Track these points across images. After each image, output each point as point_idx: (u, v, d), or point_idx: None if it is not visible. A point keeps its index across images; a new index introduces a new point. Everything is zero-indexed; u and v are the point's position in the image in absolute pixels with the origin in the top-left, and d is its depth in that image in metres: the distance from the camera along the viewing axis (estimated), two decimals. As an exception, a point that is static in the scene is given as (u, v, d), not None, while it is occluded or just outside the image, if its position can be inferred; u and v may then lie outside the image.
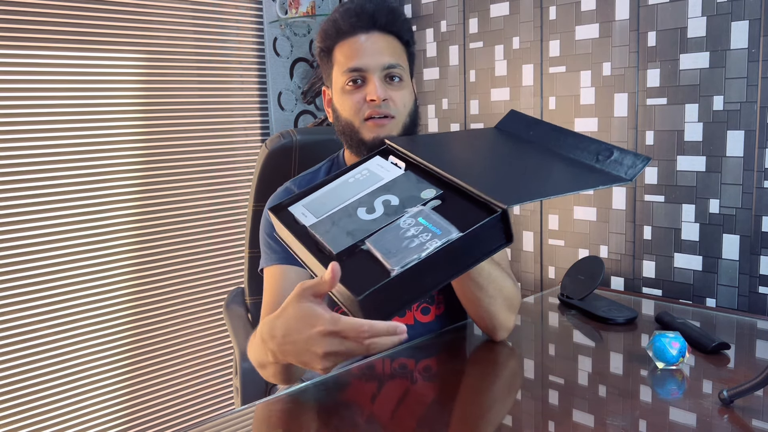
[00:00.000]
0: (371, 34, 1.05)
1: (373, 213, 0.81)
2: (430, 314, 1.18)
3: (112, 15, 1.89)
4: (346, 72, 1.05)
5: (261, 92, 2.27)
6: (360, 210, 0.82)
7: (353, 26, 1.05)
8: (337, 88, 1.08)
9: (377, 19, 1.05)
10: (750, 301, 1.49)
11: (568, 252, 1.83)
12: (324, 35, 1.09)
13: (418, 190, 0.83)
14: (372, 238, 0.76)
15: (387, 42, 1.06)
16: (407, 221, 0.77)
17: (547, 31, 1.80)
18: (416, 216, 0.78)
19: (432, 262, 0.71)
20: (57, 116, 1.81)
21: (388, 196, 0.84)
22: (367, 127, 1.05)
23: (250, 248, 1.47)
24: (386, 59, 1.05)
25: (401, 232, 0.76)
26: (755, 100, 1.44)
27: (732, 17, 1.45)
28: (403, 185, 0.85)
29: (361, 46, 1.04)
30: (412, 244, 0.73)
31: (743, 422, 0.82)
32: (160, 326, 2.08)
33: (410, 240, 0.74)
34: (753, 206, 1.47)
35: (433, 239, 0.72)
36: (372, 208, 0.82)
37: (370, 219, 0.80)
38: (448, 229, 0.73)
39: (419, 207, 0.80)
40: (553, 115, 1.82)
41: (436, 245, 0.71)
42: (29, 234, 1.79)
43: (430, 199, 0.81)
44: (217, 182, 2.17)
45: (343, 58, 1.06)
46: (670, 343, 0.97)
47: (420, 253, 0.71)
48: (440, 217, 0.76)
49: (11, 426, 1.79)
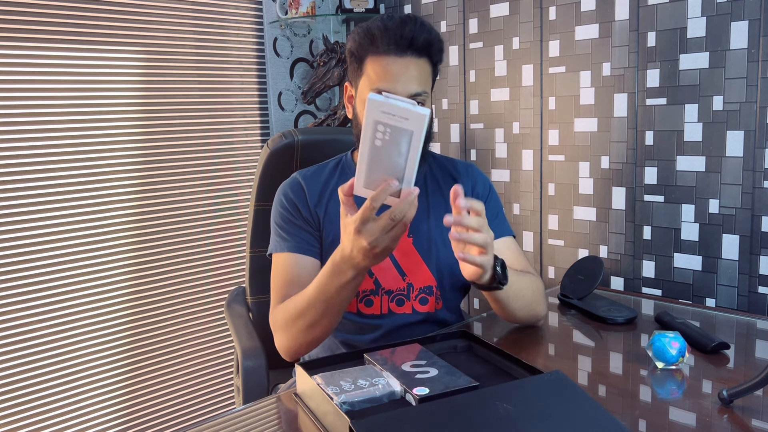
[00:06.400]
0: (405, 58, 1.07)
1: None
2: (428, 305, 1.19)
3: (112, 15, 1.89)
4: (374, 90, 1.07)
5: (261, 92, 2.27)
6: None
7: (388, 46, 1.06)
8: (362, 97, 1.11)
9: (413, 45, 1.06)
10: (749, 301, 1.49)
11: (568, 252, 1.83)
12: (358, 42, 1.10)
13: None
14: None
15: (418, 67, 1.08)
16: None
17: (547, 31, 1.81)
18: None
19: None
20: (57, 116, 1.81)
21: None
22: None
23: (251, 248, 1.47)
24: (414, 87, 1.07)
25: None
26: (755, 100, 1.44)
27: (732, 17, 1.46)
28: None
29: (392, 70, 1.06)
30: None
31: (743, 422, 0.82)
32: (160, 326, 2.08)
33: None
34: (752, 206, 1.47)
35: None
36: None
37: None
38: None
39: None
40: (553, 115, 1.82)
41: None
42: (28, 234, 1.79)
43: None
44: (218, 182, 2.17)
45: (374, 74, 1.08)
46: (670, 343, 0.97)
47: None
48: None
49: (11, 426, 1.79)
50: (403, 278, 1.17)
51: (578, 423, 0.73)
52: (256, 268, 1.47)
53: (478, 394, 0.79)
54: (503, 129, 1.95)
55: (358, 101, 1.13)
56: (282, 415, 0.90)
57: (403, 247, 1.17)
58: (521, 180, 1.92)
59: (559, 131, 1.81)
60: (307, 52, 2.36)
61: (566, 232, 1.83)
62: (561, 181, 1.83)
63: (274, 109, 2.28)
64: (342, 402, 0.80)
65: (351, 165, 1.22)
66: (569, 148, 1.79)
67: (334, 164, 1.24)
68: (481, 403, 0.75)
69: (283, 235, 1.17)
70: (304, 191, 1.18)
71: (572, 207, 1.81)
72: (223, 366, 2.25)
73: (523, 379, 0.83)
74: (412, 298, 1.18)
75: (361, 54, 1.10)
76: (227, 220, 2.21)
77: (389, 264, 1.17)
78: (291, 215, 1.17)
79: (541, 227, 1.89)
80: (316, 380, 0.86)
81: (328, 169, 1.23)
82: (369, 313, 1.17)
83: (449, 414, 0.73)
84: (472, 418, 0.72)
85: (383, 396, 0.84)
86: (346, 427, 0.73)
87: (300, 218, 1.17)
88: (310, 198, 1.17)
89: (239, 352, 1.30)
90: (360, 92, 1.12)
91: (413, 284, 1.18)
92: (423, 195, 1.21)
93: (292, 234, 1.16)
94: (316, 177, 1.21)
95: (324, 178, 1.21)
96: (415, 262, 1.18)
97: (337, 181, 1.20)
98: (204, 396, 2.21)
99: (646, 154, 1.64)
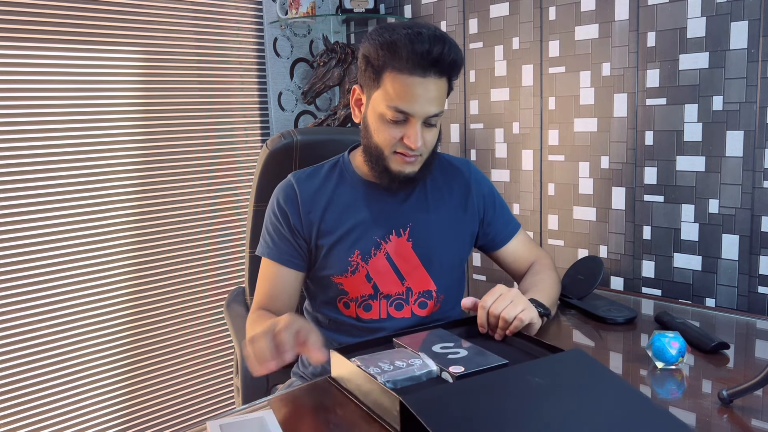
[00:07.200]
0: (427, 78, 1.04)
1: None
2: (427, 308, 1.19)
3: (111, 15, 1.89)
4: (391, 107, 1.06)
5: (261, 92, 2.27)
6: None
7: (413, 66, 1.03)
8: (376, 109, 1.09)
9: (437, 65, 1.04)
10: (749, 300, 1.49)
11: (568, 252, 1.83)
12: (378, 51, 1.05)
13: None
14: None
15: (437, 88, 1.06)
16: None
17: (547, 31, 1.81)
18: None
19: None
20: (57, 116, 1.81)
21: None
22: (395, 159, 1.10)
23: (251, 248, 1.47)
24: (432, 109, 1.06)
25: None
26: (754, 100, 1.44)
27: (731, 17, 1.46)
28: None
29: (413, 92, 1.04)
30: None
31: (743, 422, 0.82)
32: (159, 326, 2.08)
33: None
34: (752, 206, 1.47)
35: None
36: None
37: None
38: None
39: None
40: (552, 116, 1.82)
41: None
42: (27, 234, 1.79)
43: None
44: (217, 182, 2.17)
45: (393, 91, 1.05)
46: (670, 343, 0.97)
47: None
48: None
49: (11, 426, 1.79)
50: (401, 283, 1.17)
51: (605, 393, 0.79)
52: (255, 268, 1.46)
53: (509, 371, 0.85)
54: (503, 129, 1.95)
55: (370, 111, 1.11)
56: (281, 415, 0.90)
57: (403, 252, 1.17)
58: (521, 180, 1.92)
59: (559, 131, 1.81)
60: (307, 52, 2.36)
61: (566, 232, 1.83)
62: (561, 181, 1.83)
63: (274, 109, 2.28)
64: (386, 381, 0.85)
65: (349, 166, 1.20)
66: (569, 148, 1.80)
67: (330, 166, 1.22)
68: (514, 379, 0.81)
69: (269, 242, 1.19)
70: (297, 198, 1.16)
71: (572, 207, 1.81)
72: (223, 366, 2.25)
73: (548, 356, 0.90)
74: (411, 303, 1.18)
75: (380, 65, 1.06)
76: (227, 220, 2.21)
77: (388, 268, 1.16)
78: (279, 224, 1.17)
79: (541, 227, 1.89)
80: (356, 363, 0.91)
81: (324, 171, 1.21)
82: (368, 318, 1.17)
83: (488, 388, 0.79)
84: (510, 391, 0.78)
85: (422, 375, 0.89)
86: (395, 403, 0.79)
87: (287, 229, 1.16)
88: (303, 204, 1.16)
89: (239, 352, 1.30)
90: (374, 104, 1.10)
91: (412, 288, 1.17)
92: (423, 195, 1.21)
93: (276, 243, 1.17)
94: (310, 180, 1.19)
95: (319, 182, 1.19)
96: (414, 266, 1.17)
97: (335, 184, 1.18)
98: (204, 396, 2.21)
99: (646, 154, 1.64)
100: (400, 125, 1.07)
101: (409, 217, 1.18)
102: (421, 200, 1.20)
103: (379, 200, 1.17)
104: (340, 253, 1.14)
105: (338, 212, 1.16)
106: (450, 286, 1.22)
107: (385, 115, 1.07)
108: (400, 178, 1.11)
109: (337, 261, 1.15)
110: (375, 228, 1.16)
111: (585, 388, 0.81)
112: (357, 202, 1.17)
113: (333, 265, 1.15)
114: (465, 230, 1.23)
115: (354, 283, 1.15)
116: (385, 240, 1.16)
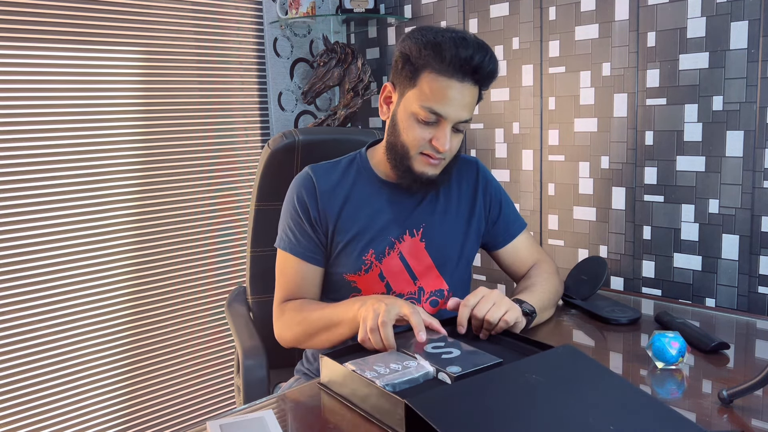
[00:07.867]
0: (464, 83, 1.06)
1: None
2: (438, 306, 1.20)
3: (111, 15, 1.89)
4: (425, 108, 1.06)
5: (261, 92, 2.27)
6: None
7: (454, 70, 1.04)
8: (408, 108, 1.09)
9: (476, 73, 1.06)
10: (749, 300, 1.50)
11: (568, 252, 1.83)
12: (420, 50, 1.06)
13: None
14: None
15: (471, 94, 1.08)
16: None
17: (547, 31, 1.81)
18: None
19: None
20: (57, 116, 1.81)
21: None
22: (419, 160, 1.11)
23: (252, 248, 1.47)
24: (465, 114, 1.08)
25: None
26: (754, 100, 1.44)
27: (731, 18, 1.46)
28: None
29: (450, 95, 1.05)
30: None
31: (743, 422, 0.82)
32: (160, 326, 2.08)
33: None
34: (752, 206, 1.47)
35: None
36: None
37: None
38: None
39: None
40: (552, 116, 1.82)
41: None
42: (27, 234, 1.79)
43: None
44: (218, 182, 2.17)
45: (429, 91, 1.06)
46: (670, 343, 0.97)
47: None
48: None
49: (11, 426, 1.79)
50: (414, 282, 1.17)
51: (600, 386, 0.81)
52: (256, 268, 1.47)
53: (506, 369, 0.85)
54: (503, 129, 1.95)
55: (401, 109, 1.11)
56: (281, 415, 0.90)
57: (416, 252, 1.17)
58: (521, 180, 1.92)
59: (559, 131, 1.81)
60: (307, 52, 2.36)
61: (566, 232, 1.83)
62: (561, 181, 1.83)
63: (274, 109, 2.28)
64: (385, 384, 0.85)
65: (366, 164, 1.20)
66: (569, 148, 1.80)
67: (347, 162, 1.21)
68: (512, 376, 0.82)
69: (290, 236, 1.17)
70: (316, 190, 1.16)
71: (572, 207, 1.81)
72: (224, 366, 2.25)
73: (541, 353, 0.90)
74: (422, 301, 1.19)
75: (420, 64, 1.06)
76: (228, 220, 2.21)
77: (401, 268, 1.17)
78: (300, 218, 1.16)
79: (541, 227, 1.89)
80: (349, 367, 0.90)
81: (341, 166, 1.20)
82: None
83: (489, 387, 0.79)
84: (510, 389, 0.79)
85: (419, 376, 0.89)
86: (397, 406, 0.78)
87: (308, 222, 1.16)
88: (321, 197, 1.16)
89: (240, 351, 1.30)
90: (406, 102, 1.10)
91: (424, 288, 1.18)
92: (435, 195, 1.21)
93: (298, 238, 1.16)
94: (329, 175, 1.19)
95: (337, 177, 1.18)
96: (427, 266, 1.18)
97: (353, 181, 1.18)
98: (204, 396, 2.21)
99: (646, 154, 1.64)
100: (430, 126, 1.08)
101: (422, 218, 1.19)
102: (433, 201, 1.21)
103: (396, 200, 1.18)
104: (355, 251, 1.15)
105: (355, 209, 1.16)
106: (459, 285, 1.23)
107: (418, 114, 1.07)
108: (422, 180, 1.12)
109: (351, 259, 1.15)
110: (390, 228, 1.16)
111: (580, 381, 0.82)
112: (374, 201, 1.17)
113: (347, 263, 1.15)
114: (474, 229, 1.24)
115: (367, 282, 1.15)
116: (399, 240, 1.17)
